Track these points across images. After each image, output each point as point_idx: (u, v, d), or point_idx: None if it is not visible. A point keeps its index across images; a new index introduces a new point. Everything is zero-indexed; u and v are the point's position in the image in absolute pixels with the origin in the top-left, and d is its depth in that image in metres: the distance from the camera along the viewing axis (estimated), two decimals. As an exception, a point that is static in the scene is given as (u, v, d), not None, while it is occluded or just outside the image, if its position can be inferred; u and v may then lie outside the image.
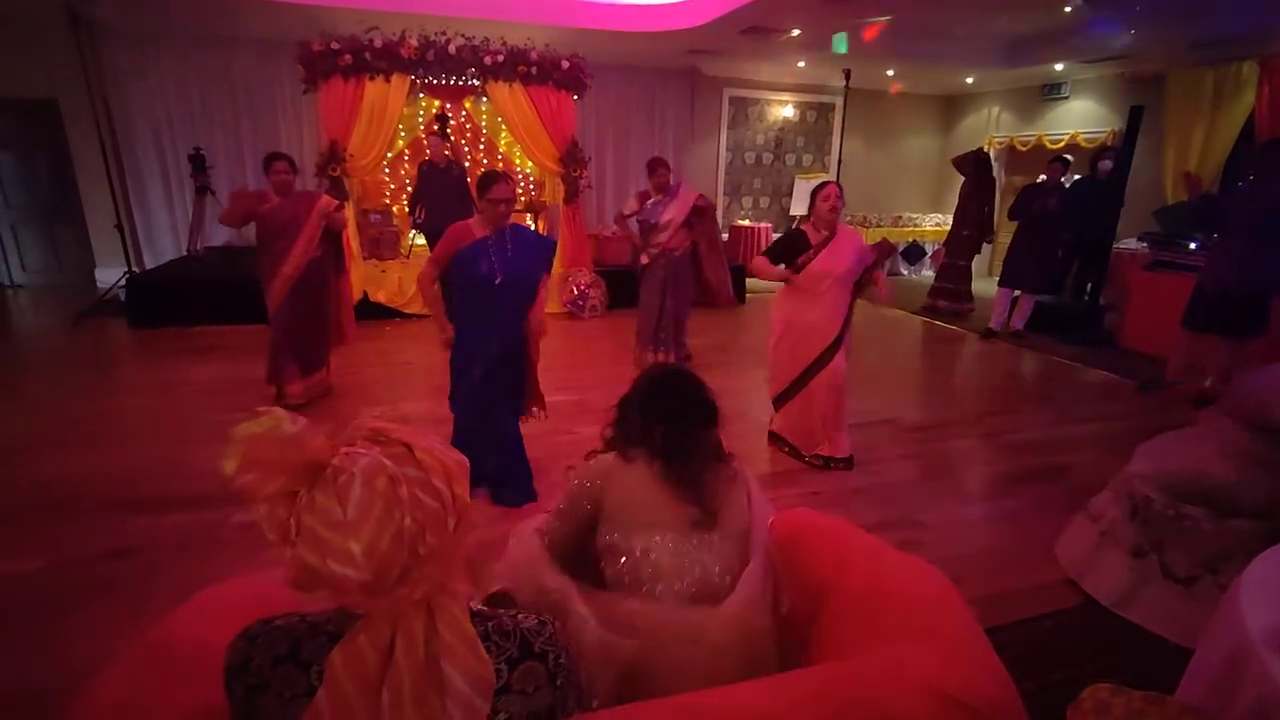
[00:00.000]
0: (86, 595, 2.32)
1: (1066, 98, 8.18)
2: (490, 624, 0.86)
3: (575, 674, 0.91)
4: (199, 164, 6.48)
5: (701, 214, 4.67)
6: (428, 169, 6.19)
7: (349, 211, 6.10)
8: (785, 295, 3.48)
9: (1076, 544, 2.62)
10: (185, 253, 6.90)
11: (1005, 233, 7.28)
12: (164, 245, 7.35)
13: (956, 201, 7.29)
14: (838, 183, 3.42)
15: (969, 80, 8.77)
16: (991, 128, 9.23)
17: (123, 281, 6.10)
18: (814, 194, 3.34)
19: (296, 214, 3.85)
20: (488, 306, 2.83)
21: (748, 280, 7.73)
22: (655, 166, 4.62)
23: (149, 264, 7.08)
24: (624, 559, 1.31)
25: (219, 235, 7.17)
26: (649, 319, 4.71)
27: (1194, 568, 2.22)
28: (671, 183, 4.64)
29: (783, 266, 3.35)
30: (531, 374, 3.17)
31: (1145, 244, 6.41)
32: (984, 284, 7.81)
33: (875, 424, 4.06)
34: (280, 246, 3.84)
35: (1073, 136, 8.01)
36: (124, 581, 2.40)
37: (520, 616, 0.90)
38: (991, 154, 8.61)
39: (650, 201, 4.64)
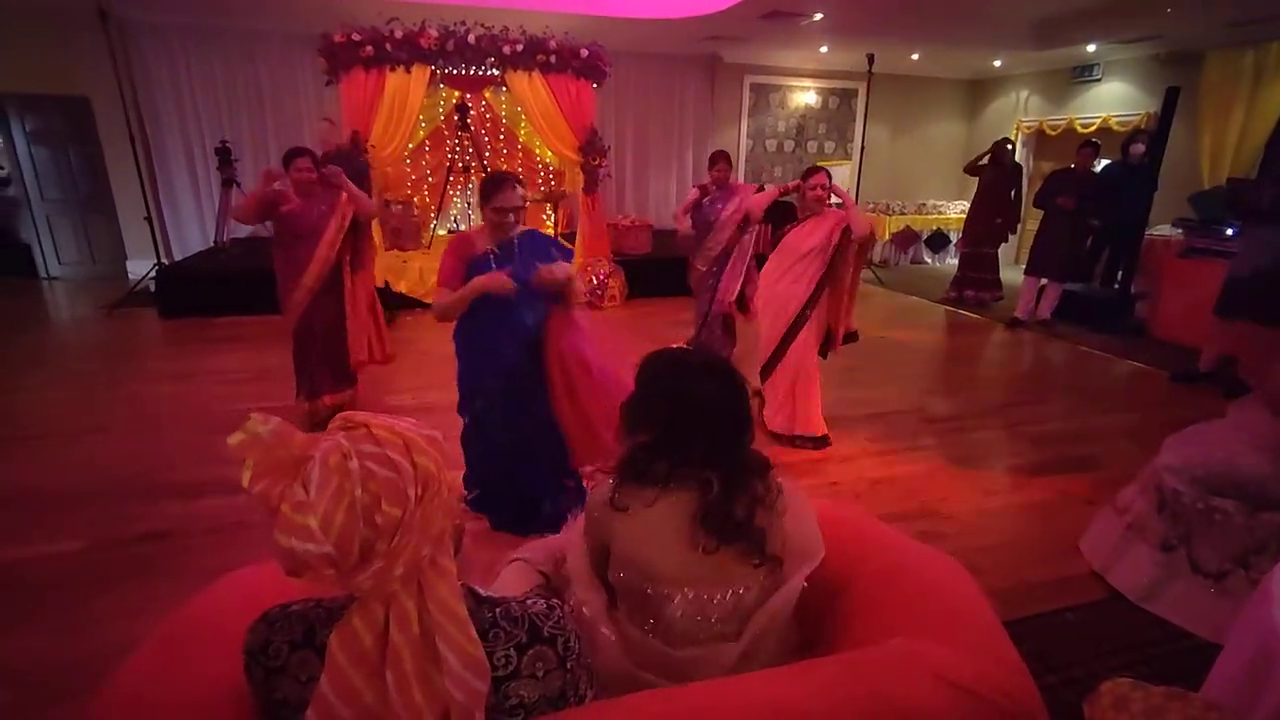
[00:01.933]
0: (121, 576, 2.39)
1: (1099, 80, 7.95)
2: (498, 610, 0.87)
3: (586, 657, 0.92)
4: (225, 157, 6.59)
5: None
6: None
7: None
8: (768, 263, 3.66)
9: (1102, 537, 2.57)
10: (212, 244, 7.03)
11: (1032, 220, 7.12)
12: (192, 237, 7.48)
13: (977, 189, 7.13)
14: (827, 171, 3.51)
15: (996, 63, 8.56)
16: (1020, 112, 9.01)
17: (152, 273, 6.24)
18: (802, 177, 3.49)
19: (319, 219, 3.46)
20: (494, 332, 2.40)
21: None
22: (716, 159, 4.29)
23: (177, 255, 7.22)
24: (639, 603, 1.17)
25: (244, 227, 7.28)
26: (699, 319, 4.39)
27: (1225, 562, 2.16)
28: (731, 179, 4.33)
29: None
30: (581, 421, 2.43)
31: (1180, 230, 6.22)
32: (1009, 272, 7.65)
33: (896, 414, 4.02)
34: (300, 253, 3.46)
35: (1105, 120, 7.78)
36: (156, 563, 2.47)
37: (529, 602, 0.91)
38: (1017, 140, 8.42)
39: (709, 198, 4.27)
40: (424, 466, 0.79)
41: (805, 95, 9.21)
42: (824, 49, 7.76)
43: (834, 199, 3.53)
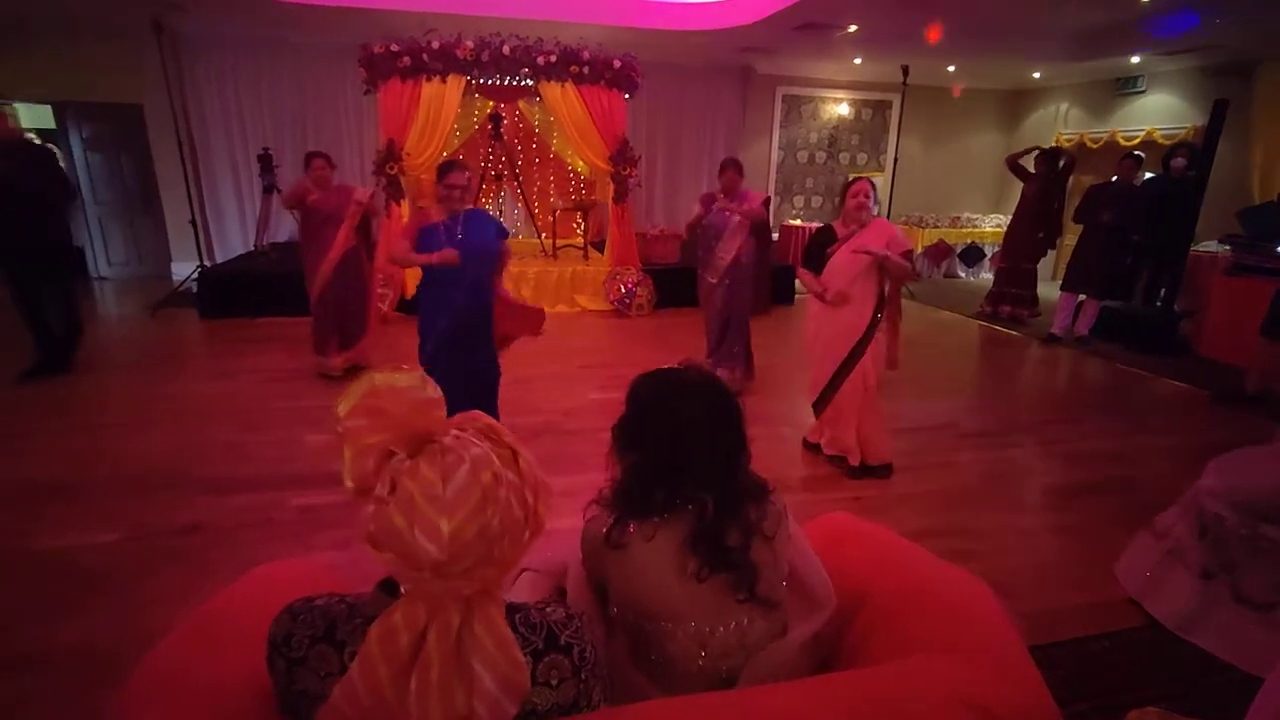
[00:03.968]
0: (157, 566, 2.46)
1: (1143, 92, 7.76)
2: (518, 616, 0.87)
3: (601, 668, 0.91)
4: (267, 164, 6.79)
5: (765, 206, 4.39)
6: None
7: (404, 208, 6.30)
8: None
9: (1139, 562, 2.48)
10: (252, 248, 7.24)
11: (1071, 234, 6.95)
12: (233, 241, 7.72)
13: (1018, 201, 6.98)
14: (870, 180, 3.31)
15: (1036, 75, 8.41)
16: (1060, 124, 8.83)
17: (195, 274, 6.44)
18: (844, 189, 3.30)
19: (338, 206, 4.31)
20: (446, 278, 3.12)
21: (796, 281, 7.65)
22: (725, 167, 4.16)
23: (219, 259, 7.45)
24: (637, 638, 1.15)
25: (283, 232, 7.49)
26: (715, 334, 4.38)
27: (1272, 593, 2.07)
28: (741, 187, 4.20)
29: (814, 276, 3.31)
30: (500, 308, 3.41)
31: (1227, 247, 6.01)
32: (1046, 288, 7.47)
33: (926, 429, 3.94)
34: (326, 235, 4.30)
35: (1149, 133, 7.58)
36: (191, 555, 2.54)
37: (549, 610, 0.91)
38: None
39: (716, 206, 4.18)
40: (541, 515, 0.81)
41: (838, 107, 9.16)
42: (858, 60, 7.71)
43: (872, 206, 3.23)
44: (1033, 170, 6.64)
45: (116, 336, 5.76)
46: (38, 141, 5.36)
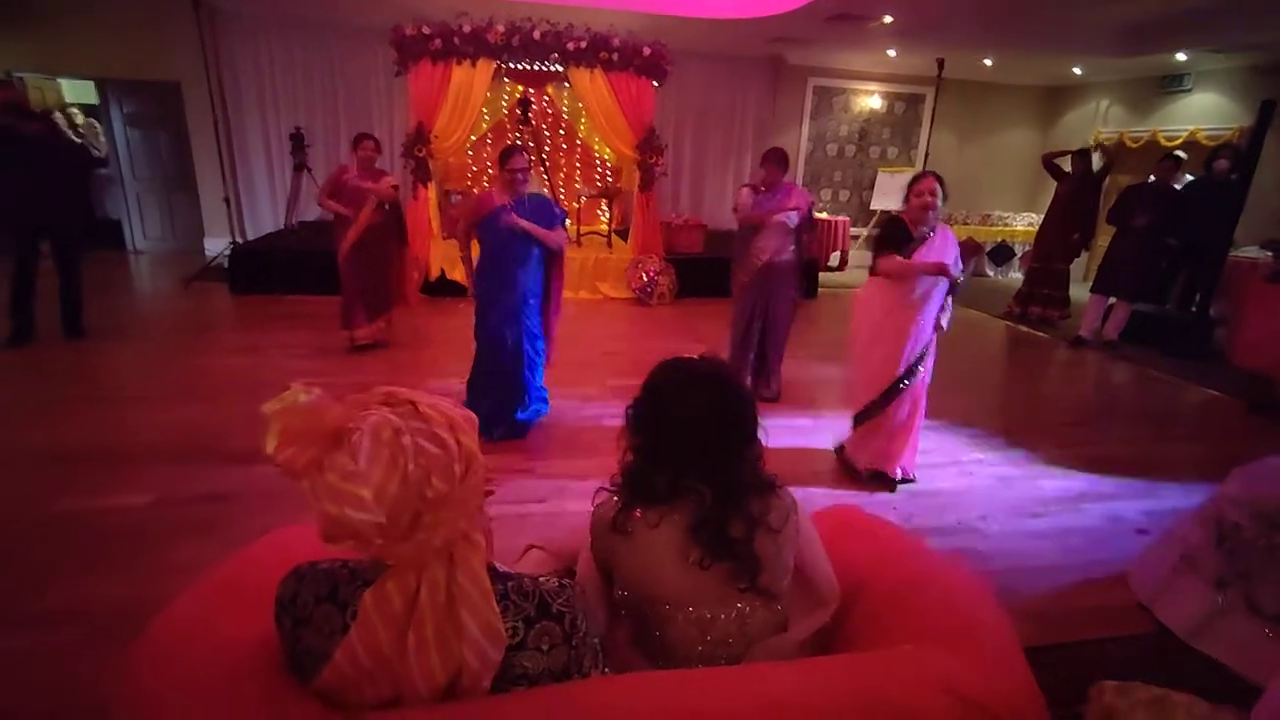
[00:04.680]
0: (184, 531, 2.55)
1: (1188, 90, 7.51)
2: (510, 584, 0.91)
3: (592, 638, 0.94)
4: (298, 143, 6.90)
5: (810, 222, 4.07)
6: None
7: (431, 191, 6.37)
8: (876, 291, 3.04)
9: (1152, 568, 2.44)
10: (282, 226, 7.38)
11: (1104, 235, 6.79)
12: (263, 218, 7.87)
13: (1052, 200, 6.82)
14: (938, 176, 2.92)
15: (1076, 70, 8.18)
16: (1099, 122, 8.60)
17: (227, 250, 6.60)
18: (909, 185, 2.95)
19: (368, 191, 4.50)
20: (505, 255, 3.31)
21: (820, 274, 7.63)
22: (767, 159, 3.94)
23: (250, 235, 7.61)
24: (641, 620, 1.18)
25: (312, 211, 7.61)
26: (740, 340, 4.12)
27: (1286, 605, 2.03)
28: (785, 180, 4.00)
29: (900, 259, 2.90)
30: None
31: (1269, 252, 5.83)
32: (1077, 290, 7.30)
33: (941, 428, 3.91)
34: (354, 210, 4.51)
35: (1192, 133, 7.35)
36: (216, 522, 2.63)
37: (542, 579, 0.94)
38: (1096, 152, 8.04)
39: (759, 197, 3.96)
40: (467, 445, 0.83)
41: (870, 99, 9.02)
42: (892, 52, 7.58)
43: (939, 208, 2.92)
44: (1068, 170, 6.49)
45: (150, 309, 5.93)
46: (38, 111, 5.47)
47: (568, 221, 7.71)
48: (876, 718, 0.81)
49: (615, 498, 1.19)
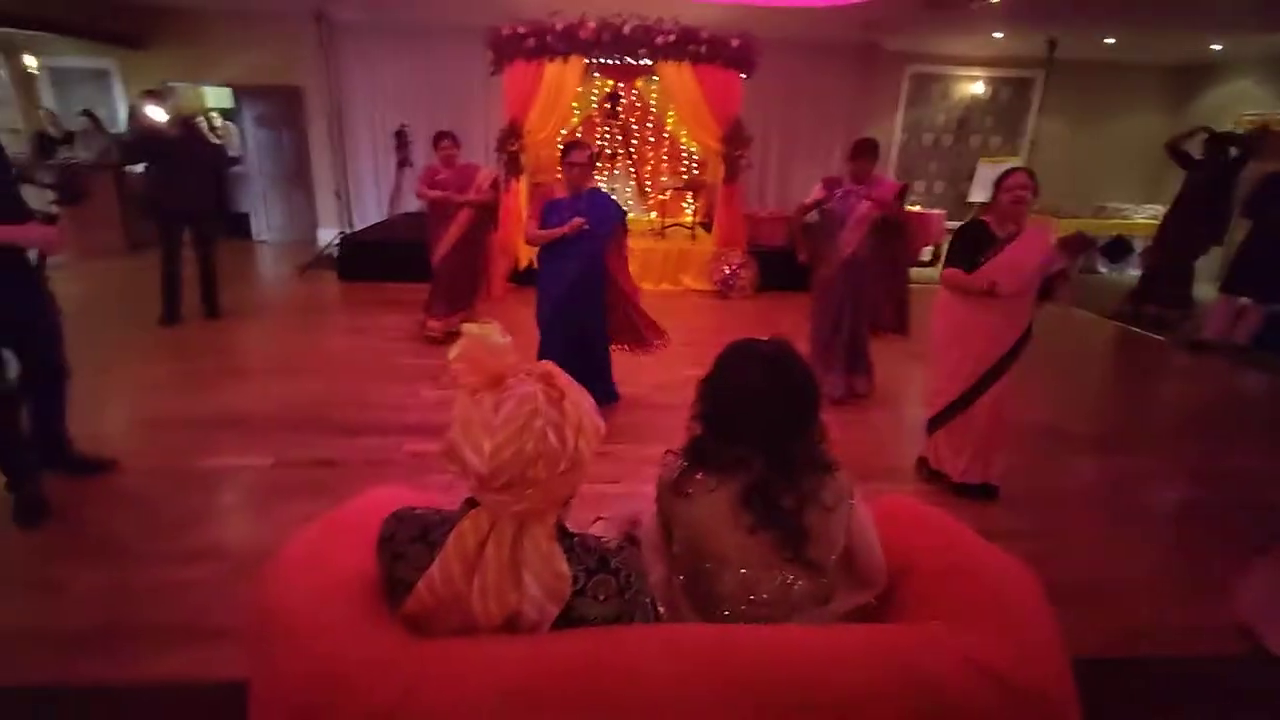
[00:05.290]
0: (298, 490, 2.87)
1: (1348, 67, 6.69)
2: (576, 539, 1.02)
3: (644, 594, 1.04)
4: (402, 139, 7.37)
5: (901, 203, 3.86)
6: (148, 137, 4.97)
7: (523, 184, 6.65)
8: (950, 295, 2.97)
9: (1261, 589, 2.28)
10: (385, 217, 7.91)
11: (1239, 230, 6.17)
12: (369, 210, 8.46)
13: (1180, 190, 6.24)
14: (1029, 170, 2.80)
15: (1215, 47, 7.43)
16: (1241, 104, 7.77)
17: (337, 240, 7.16)
18: (998, 181, 2.80)
19: (464, 184, 4.67)
20: (565, 249, 3.38)
21: (911, 270, 7.34)
22: (856, 151, 3.78)
23: (357, 226, 8.20)
24: (694, 575, 1.27)
25: (412, 203, 8.11)
26: (821, 336, 4.00)
27: None
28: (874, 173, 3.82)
29: (965, 274, 2.81)
30: (624, 311, 3.70)
31: None
32: (1202, 290, 6.67)
33: (1028, 430, 3.73)
34: (445, 210, 4.66)
35: (1351, 116, 6.54)
36: (324, 484, 2.93)
37: (604, 539, 1.05)
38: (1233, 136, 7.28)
39: (841, 191, 3.84)
40: (581, 450, 0.95)
41: (972, 85, 8.58)
42: (998, 35, 7.18)
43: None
44: (1198, 156, 5.93)
45: (271, 293, 6.55)
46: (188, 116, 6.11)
47: (651, 214, 7.87)
48: (901, 683, 0.86)
49: (680, 461, 1.29)
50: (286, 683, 0.92)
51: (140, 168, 5.34)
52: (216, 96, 8.69)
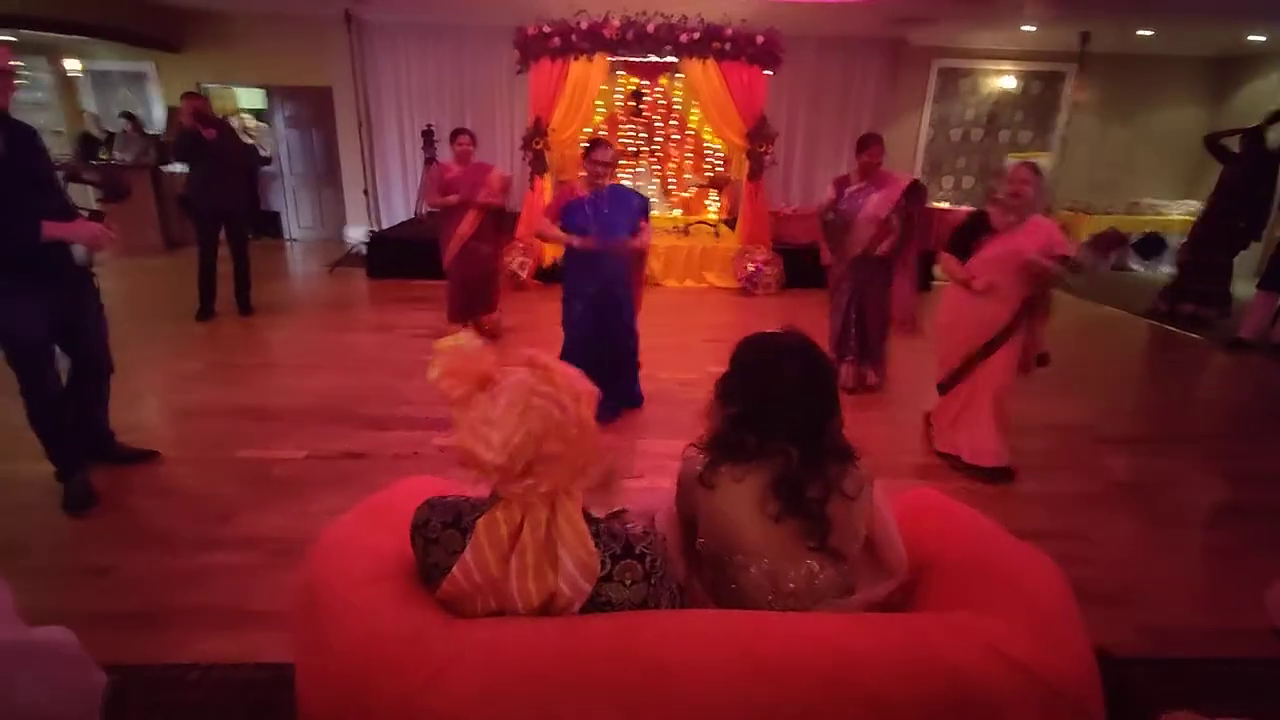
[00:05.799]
0: (330, 482, 2.94)
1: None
2: (602, 525, 1.05)
3: (670, 580, 1.07)
4: (428, 139, 7.48)
5: (917, 197, 3.86)
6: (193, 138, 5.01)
7: (547, 181, 6.70)
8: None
9: (1295, 592, 2.23)
10: (412, 216, 8.03)
11: (1276, 225, 6.00)
12: (397, 208, 8.58)
13: (1217, 184, 6.08)
14: (1032, 164, 2.99)
15: (1256, 38, 7.21)
16: (1281, 96, 7.53)
17: (365, 238, 7.29)
18: (1006, 174, 3.01)
19: (475, 182, 4.58)
20: (592, 257, 3.35)
21: (935, 267, 7.25)
22: (864, 145, 3.83)
23: (385, 224, 8.33)
24: (718, 569, 1.28)
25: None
26: (836, 331, 4.10)
27: None
28: (882, 167, 3.89)
29: (959, 263, 3.08)
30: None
31: None
32: (1240, 288, 6.49)
33: (1058, 429, 3.69)
34: (457, 209, 4.59)
35: (1401, 107, 6.29)
36: (354, 476, 3.00)
37: (630, 526, 1.08)
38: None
39: (849, 190, 3.90)
40: (585, 417, 0.99)
41: (1001, 79, 8.43)
42: (1028, 28, 7.05)
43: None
44: (1236, 151, 5.77)
45: (301, 290, 6.69)
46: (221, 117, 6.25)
47: (674, 211, 7.88)
48: (923, 669, 0.88)
49: (703, 454, 1.30)
50: (332, 662, 0.97)
51: (180, 167, 5.50)
52: (249, 98, 8.89)
